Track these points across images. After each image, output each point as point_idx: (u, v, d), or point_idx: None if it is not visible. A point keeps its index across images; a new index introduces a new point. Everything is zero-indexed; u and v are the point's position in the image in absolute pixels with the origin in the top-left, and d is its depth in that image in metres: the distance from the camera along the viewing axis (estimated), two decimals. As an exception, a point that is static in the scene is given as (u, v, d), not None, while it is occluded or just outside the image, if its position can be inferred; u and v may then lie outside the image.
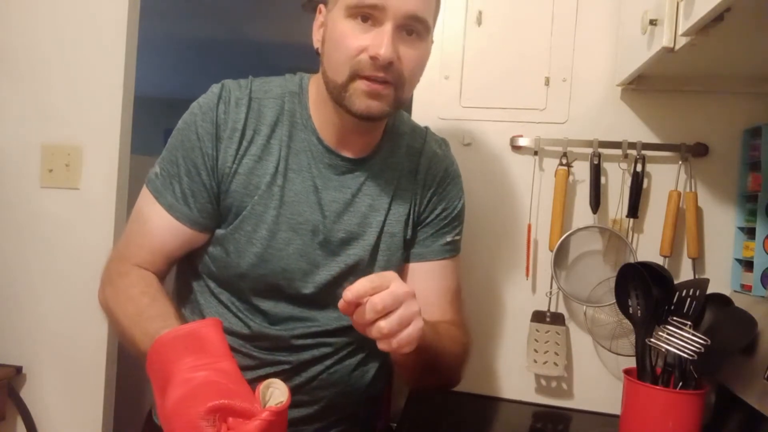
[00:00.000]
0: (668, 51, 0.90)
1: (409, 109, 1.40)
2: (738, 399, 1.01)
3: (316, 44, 0.94)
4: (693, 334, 0.95)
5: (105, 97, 1.64)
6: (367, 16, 0.83)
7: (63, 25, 1.65)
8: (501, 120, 1.35)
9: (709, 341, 0.95)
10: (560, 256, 1.30)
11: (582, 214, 1.30)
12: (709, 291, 1.04)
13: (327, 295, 0.94)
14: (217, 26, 4.18)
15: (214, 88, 0.94)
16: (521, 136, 1.33)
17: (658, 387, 1.00)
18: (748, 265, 1.18)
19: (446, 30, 1.38)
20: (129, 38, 1.65)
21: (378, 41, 0.82)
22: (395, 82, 0.86)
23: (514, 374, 1.34)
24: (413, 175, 1.00)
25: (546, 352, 1.29)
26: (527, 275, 1.33)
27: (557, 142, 1.30)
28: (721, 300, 1.07)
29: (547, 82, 1.33)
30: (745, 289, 1.18)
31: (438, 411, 1.26)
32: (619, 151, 1.27)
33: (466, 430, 1.19)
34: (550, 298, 1.32)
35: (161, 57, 4.79)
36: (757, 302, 1.08)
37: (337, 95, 0.87)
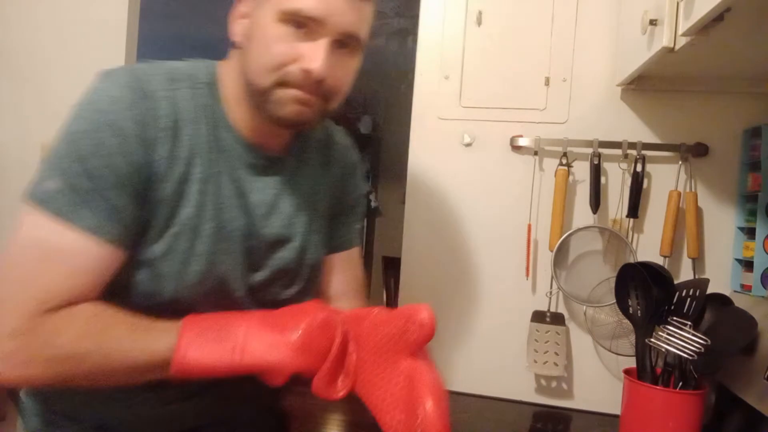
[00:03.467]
0: (668, 51, 0.90)
1: (409, 109, 1.40)
2: (738, 399, 1.01)
3: (235, 37, 0.85)
4: (693, 334, 0.96)
5: (105, 97, 1.64)
6: (303, 24, 0.78)
7: (63, 25, 1.65)
8: (501, 120, 1.35)
9: (709, 341, 0.95)
10: (560, 256, 1.30)
11: (582, 214, 1.30)
12: (709, 291, 1.04)
13: (257, 298, 0.89)
14: (217, 26, 4.18)
15: (122, 77, 0.79)
16: (521, 136, 1.33)
17: (658, 387, 1.00)
18: (748, 265, 1.18)
19: (446, 30, 1.38)
20: (129, 38, 1.65)
21: (313, 55, 0.78)
22: (325, 95, 0.82)
23: (514, 374, 1.34)
24: (326, 168, 0.99)
25: (546, 352, 1.29)
26: (527, 275, 1.33)
27: (557, 142, 1.30)
28: (721, 300, 1.07)
29: (547, 82, 1.33)
30: (745, 289, 1.18)
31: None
32: (619, 151, 1.27)
33: (466, 430, 1.19)
34: (550, 298, 1.32)
35: (161, 57, 4.78)
36: (757, 302, 1.08)
37: (258, 98, 0.82)
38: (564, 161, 1.29)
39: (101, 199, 0.74)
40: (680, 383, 0.99)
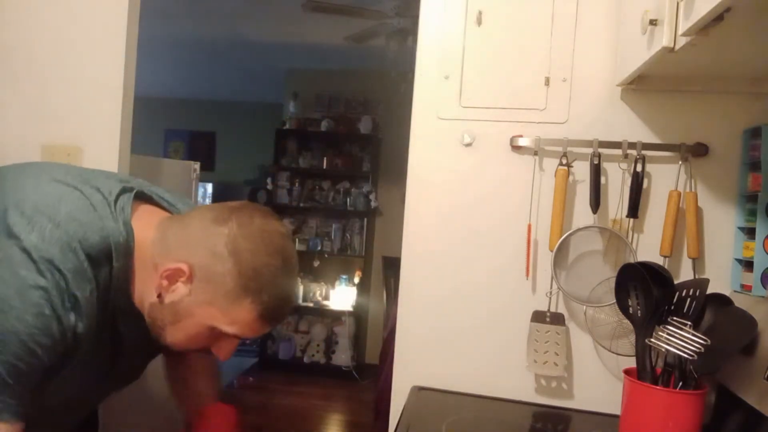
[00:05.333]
0: (668, 51, 0.90)
1: (409, 110, 1.40)
2: (738, 399, 1.01)
3: (162, 297, 0.90)
4: (693, 334, 0.96)
5: (105, 97, 1.64)
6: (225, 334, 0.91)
7: (63, 26, 1.65)
8: (501, 120, 1.35)
9: (709, 341, 0.95)
10: (560, 256, 1.30)
11: (582, 214, 1.30)
12: (709, 291, 1.04)
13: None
14: (217, 26, 4.18)
15: (37, 299, 0.82)
16: (521, 136, 1.33)
17: (658, 387, 1.00)
18: (748, 265, 1.18)
19: (446, 30, 1.38)
20: (129, 38, 1.65)
21: (226, 350, 0.94)
22: None
23: (514, 374, 1.34)
24: None
25: (546, 352, 1.29)
26: (527, 275, 1.33)
27: (557, 142, 1.30)
28: (721, 300, 1.07)
29: (547, 82, 1.33)
30: (745, 289, 1.18)
31: (438, 411, 1.26)
32: (619, 151, 1.27)
33: (466, 430, 1.19)
34: (550, 298, 1.32)
35: (161, 57, 4.79)
36: (757, 302, 1.08)
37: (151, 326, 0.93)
38: (564, 161, 1.29)
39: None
40: (680, 383, 0.99)
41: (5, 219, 0.86)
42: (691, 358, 0.95)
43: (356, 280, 4.97)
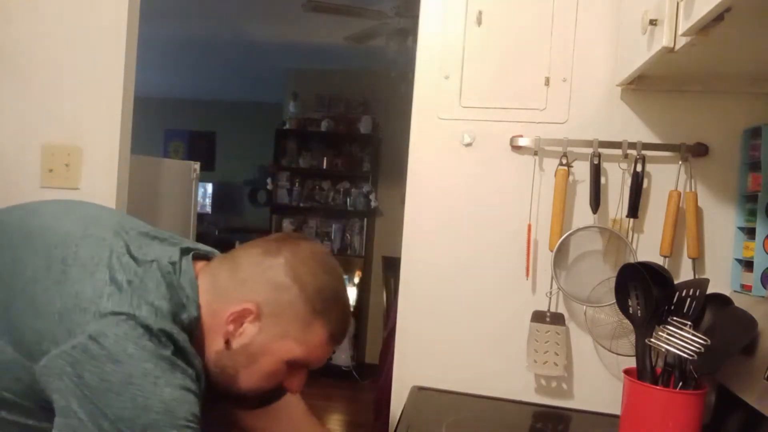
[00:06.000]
0: (668, 51, 0.90)
1: (409, 109, 1.40)
2: (738, 399, 1.01)
3: (230, 342, 0.87)
4: (693, 334, 0.95)
5: (105, 97, 1.64)
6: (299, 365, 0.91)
7: (63, 26, 1.65)
8: (501, 120, 1.35)
9: (709, 341, 0.95)
10: (560, 256, 1.30)
11: (582, 214, 1.30)
12: (709, 291, 1.04)
13: None
14: (217, 26, 4.19)
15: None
16: (521, 136, 1.33)
17: (658, 387, 1.00)
18: (748, 265, 1.17)
19: (446, 30, 1.38)
20: (129, 38, 1.65)
21: (298, 384, 0.94)
22: None
23: (514, 374, 1.34)
24: None
25: (546, 352, 1.29)
26: (527, 275, 1.33)
27: (557, 142, 1.30)
28: (721, 300, 1.07)
29: (547, 82, 1.33)
30: (745, 289, 1.18)
31: (438, 411, 1.26)
32: (619, 151, 1.27)
33: (466, 430, 1.19)
34: (550, 298, 1.32)
35: (161, 57, 4.79)
36: (757, 302, 1.08)
37: (219, 381, 0.89)
38: (564, 161, 1.29)
39: None
40: (680, 383, 0.99)
41: (102, 299, 0.80)
42: (691, 358, 0.95)
43: (356, 280, 4.97)
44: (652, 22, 0.94)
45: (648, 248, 1.26)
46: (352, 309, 4.82)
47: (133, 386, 0.76)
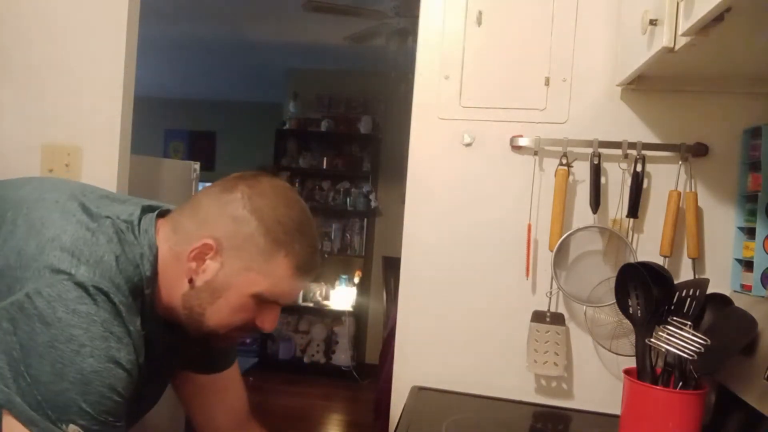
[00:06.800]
0: (668, 51, 0.90)
1: (409, 109, 1.40)
2: (738, 399, 1.01)
3: (194, 281, 0.88)
4: (693, 334, 0.95)
5: (105, 97, 1.64)
6: (268, 300, 0.89)
7: (63, 26, 1.65)
8: (501, 120, 1.35)
9: (709, 341, 0.95)
10: (560, 256, 1.30)
11: (582, 214, 1.30)
12: (709, 291, 1.04)
13: None
14: (217, 26, 4.19)
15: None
16: (521, 136, 1.33)
17: (658, 387, 1.00)
18: (748, 265, 1.18)
19: (446, 30, 1.38)
20: (129, 38, 1.65)
21: (270, 319, 0.91)
22: None
23: (514, 374, 1.34)
24: None
25: (546, 352, 1.29)
26: (527, 275, 1.33)
27: (557, 142, 1.30)
28: (721, 300, 1.07)
29: (547, 82, 1.33)
30: (745, 289, 1.18)
31: (438, 411, 1.26)
32: (619, 151, 1.27)
33: (466, 430, 1.19)
34: (550, 298, 1.32)
35: (161, 57, 4.80)
36: (757, 302, 1.08)
37: (188, 323, 0.90)
38: (564, 161, 1.29)
39: None
40: (680, 383, 0.99)
41: (44, 255, 0.80)
42: (691, 358, 0.95)
43: (356, 280, 4.97)
44: (652, 22, 0.94)
45: (648, 248, 1.27)
46: (351, 309, 4.85)
47: (55, 350, 0.74)
